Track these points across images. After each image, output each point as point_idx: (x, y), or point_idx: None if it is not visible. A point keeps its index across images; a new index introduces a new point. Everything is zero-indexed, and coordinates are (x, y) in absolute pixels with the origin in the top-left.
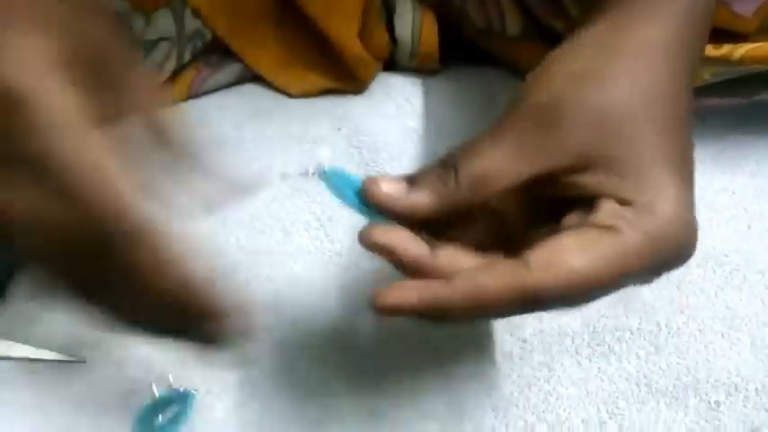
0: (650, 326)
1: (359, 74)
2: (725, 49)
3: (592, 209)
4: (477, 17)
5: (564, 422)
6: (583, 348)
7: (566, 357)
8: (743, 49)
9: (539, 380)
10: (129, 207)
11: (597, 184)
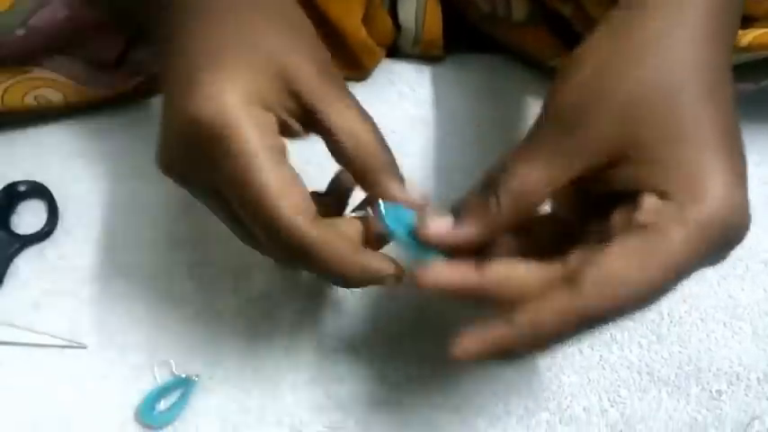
0: (652, 315)
1: (362, 61)
2: None
3: (635, 204)
4: (482, 2)
5: (566, 410)
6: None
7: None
8: (750, 36)
9: (541, 368)
10: (301, 227)
11: (634, 176)
